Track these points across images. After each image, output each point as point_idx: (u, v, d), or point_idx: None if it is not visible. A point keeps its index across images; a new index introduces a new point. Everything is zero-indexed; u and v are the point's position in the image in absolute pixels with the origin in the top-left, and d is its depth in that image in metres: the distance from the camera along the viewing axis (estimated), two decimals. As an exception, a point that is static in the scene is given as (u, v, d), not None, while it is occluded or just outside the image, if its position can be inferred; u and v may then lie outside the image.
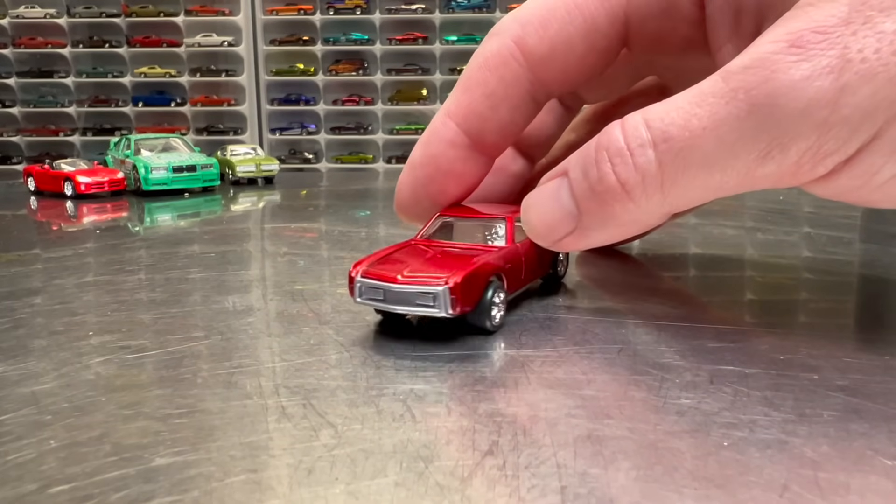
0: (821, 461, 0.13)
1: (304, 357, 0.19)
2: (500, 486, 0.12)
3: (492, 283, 0.22)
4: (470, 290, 0.21)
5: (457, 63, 2.12)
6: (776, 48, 0.20)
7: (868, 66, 0.19)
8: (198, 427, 0.15)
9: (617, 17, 0.25)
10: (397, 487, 0.12)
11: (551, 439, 0.14)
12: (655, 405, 0.16)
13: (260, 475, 0.13)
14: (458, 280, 0.21)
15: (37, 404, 0.16)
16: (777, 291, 0.28)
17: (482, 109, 0.26)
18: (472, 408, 0.16)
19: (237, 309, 0.24)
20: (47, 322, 0.23)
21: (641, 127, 0.21)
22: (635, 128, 0.21)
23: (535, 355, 0.19)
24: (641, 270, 0.29)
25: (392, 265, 0.22)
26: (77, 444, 0.14)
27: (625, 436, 0.14)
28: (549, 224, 0.23)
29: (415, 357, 0.19)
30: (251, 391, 0.16)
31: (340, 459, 0.13)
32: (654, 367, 0.19)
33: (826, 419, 0.15)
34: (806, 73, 0.19)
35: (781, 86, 0.19)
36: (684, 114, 0.21)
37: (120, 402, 0.16)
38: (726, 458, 0.13)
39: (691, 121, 0.21)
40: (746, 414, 0.15)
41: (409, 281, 0.21)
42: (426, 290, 0.20)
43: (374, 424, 0.15)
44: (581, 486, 0.12)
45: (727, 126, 0.20)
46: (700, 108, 0.20)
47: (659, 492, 0.12)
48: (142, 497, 0.12)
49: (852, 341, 0.20)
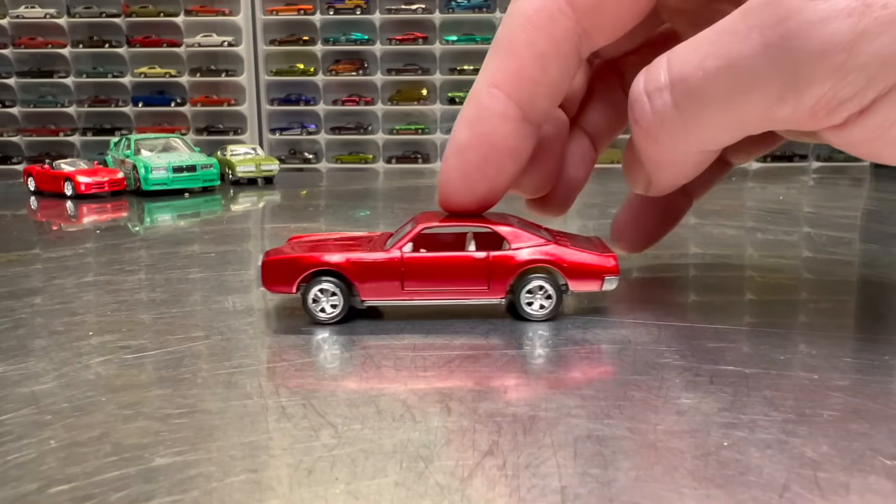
0: (821, 461, 0.13)
1: (304, 357, 0.19)
2: (500, 485, 0.12)
3: (318, 276, 0.23)
4: (277, 273, 0.24)
5: (457, 63, 2.12)
6: None
7: (889, 13, 0.18)
8: (198, 427, 0.15)
9: None
10: (397, 487, 0.12)
11: (551, 439, 0.14)
12: (655, 405, 0.16)
13: (260, 475, 0.13)
14: (265, 260, 0.24)
15: (37, 404, 0.16)
16: (777, 291, 0.28)
17: (534, 73, 0.24)
18: (471, 408, 0.16)
19: (237, 309, 0.24)
20: (47, 322, 0.23)
21: (662, 70, 0.21)
22: (657, 71, 0.22)
23: (535, 355, 0.19)
24: (641, 271, 0.29)
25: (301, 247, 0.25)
26: (77, 443, 0.14)
27: (625, 436, 0.14)
28: (633, 176, 0.25)
29: (415, 357, 0.19)
30: (251, 391, 0.16)
31: (340, 459, 0.13)
32: (654, 367, 0.19)
33: (826, 419, 0.15)
34: (823, 15, 0.18)
35: (797, 26, 0.19)
36: (702, 53, 0.21)
37: (120, 402, 0.16)
38: (726, 458, 0.13)
39: (706, 61, 0.20)
40: (746, 414, 0.15)
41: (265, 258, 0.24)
42: (259, 264, 0.24)
43: (374, 424, 0.15)
44: (581, 485, 0.12)
45: (740, 65, 0.20)
46: (716, 46, 0.20)
47: (659, 492, 0.12)
48: (142, 497, 0.12)
49: (852, 341, 0.20)
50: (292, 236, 0.26)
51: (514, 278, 0.24)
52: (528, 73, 0.24)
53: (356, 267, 0.23)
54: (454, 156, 0.25)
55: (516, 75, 0.24)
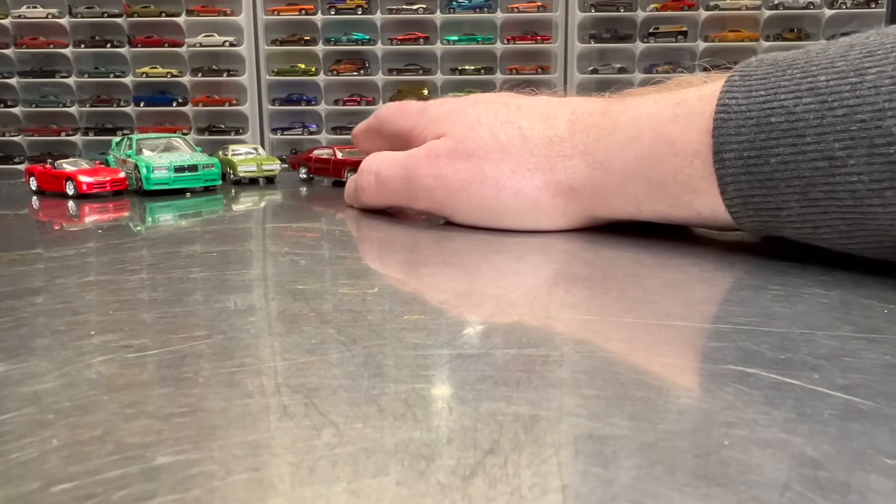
0: (822, 460, 0.13)
1: (305, 356, 0.19)
2: (502, 484, 0.12)
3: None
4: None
5: (458, 63, 2.12)
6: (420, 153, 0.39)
7: (453, 183, 0.38)
8: (200, 426, 0.15)
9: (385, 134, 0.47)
10: (399, 486, 0.12)
11: (552, 438, 0.14)
12: (656, 404, 0.16)
13: (262, 474, 0.13)
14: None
15: (39, 403, 0.16)
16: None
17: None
18: (473, 406, 0.16)
19: (239, 308, 0.24)
20: (49, 321, 0.23)
21: (374, 163, 0.41)
22: (370, 162, 0.42)
23: (536, 354, 0.19)
24: (641, 270, 0.30)
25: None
26: (79, 442, 0.14)
27: (626, 435, 0.14)
28: (349, 195, 0.47)
29: (416, 356, 0.19)
30: (253, 390, 0.17)
31: (342, 458, 0.13)
32: (654, 366, 0.19)
33: (827, 418, 0.15)
34: (425, 176, 0.39)
35: (415, 176, 0.39)
36: (390, 164, 0.40)
37: (122, 401, 0.16)
38: (727, 457, 0.13)
39: (389, 169, 0.40)
40: (747, 413, 0.15)
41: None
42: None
43: (375, 423, 0.15)
44: (582, 484, 0.12)
45: (400, 176, 0.39)
46: (394, 165, 0.40)
47: (660, 490, 0.12)
48: (144, 495, 0.12)
49: (853, 340, 0.20)
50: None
51: None
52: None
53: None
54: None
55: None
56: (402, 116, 0.45)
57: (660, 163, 0.31)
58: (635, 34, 2.11)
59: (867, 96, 0.25)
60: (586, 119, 0.33)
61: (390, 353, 0.19)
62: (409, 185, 0.38)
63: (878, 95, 0.24)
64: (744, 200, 0.29)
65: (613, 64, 2.16)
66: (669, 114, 0.30)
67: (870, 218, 0.26)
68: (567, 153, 0.33)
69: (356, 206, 0.45)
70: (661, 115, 0.31)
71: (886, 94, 0.24)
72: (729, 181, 0.29)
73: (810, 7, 2.06)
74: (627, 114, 0.32)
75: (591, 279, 0.29)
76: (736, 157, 0.28)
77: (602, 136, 0.32)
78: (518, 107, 0.35)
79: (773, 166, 0.27)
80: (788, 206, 0.28)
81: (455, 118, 0.37)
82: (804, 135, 0.26)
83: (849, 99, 0.25)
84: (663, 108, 0.30)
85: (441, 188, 0.36)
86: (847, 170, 0.25)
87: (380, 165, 0.41)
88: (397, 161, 0.39)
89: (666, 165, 0.31)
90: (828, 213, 0.27)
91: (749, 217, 0.30)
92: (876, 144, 0.24)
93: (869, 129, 0.25)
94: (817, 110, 0.26)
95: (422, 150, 0.38)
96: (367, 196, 0.42)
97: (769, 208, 0.29)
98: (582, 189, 0.33)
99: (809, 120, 0.26)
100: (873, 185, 0.25)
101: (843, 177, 0.26)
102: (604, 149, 0.32)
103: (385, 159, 0.41)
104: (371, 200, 0.42)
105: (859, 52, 0.26)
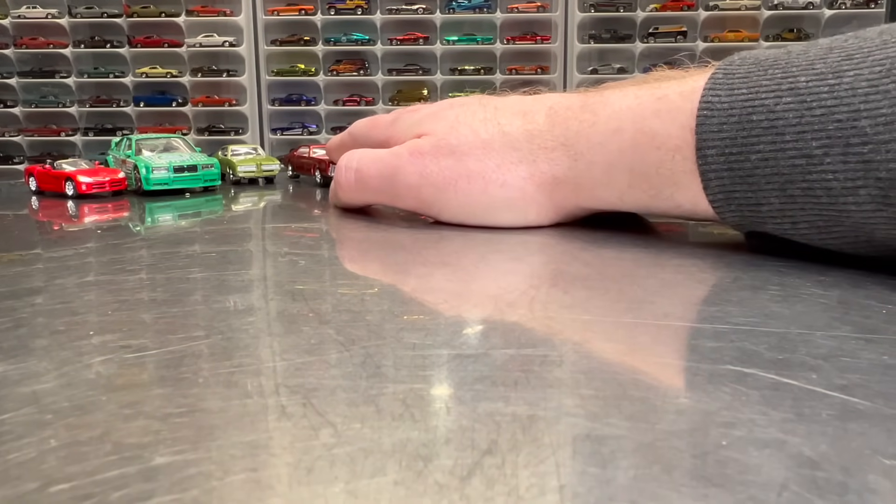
0: (819, 460, 0.13)
1: (304, 356, 0.19)
2: (499, 484, 0.12)
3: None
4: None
5: (457, 63, 2.12)
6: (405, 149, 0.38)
7: (439, 178, 0.37)
8: (198, 426, 0.15)
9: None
10: (396, 486, 0.12)
11: (550, 438, 0.14)
12: (654, 404, 0.16)
13: (260, 474, 0.13)
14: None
15: (37, 403, 0.16)
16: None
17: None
18: (471, 407, 0.16)
19: (238, 308, 0.24)
20: (48, 322, 0.23)
21: (354, 159, 0.40)
22: (350, 159, 0.40)
23: (534, 354, 0.19)
24: (639, 270, 0.30)
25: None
26: (77, 443, 0.14)
27: (624, 435, 0.14)
28: (332, 199, 0.45)
29: (415, 356, 0.19)
30: (251, 390, 0.17)
31: (340, 458, 0.13)
32: (653, 366, 0.19)
33: (825, 418, 0.15)
34: (411, 173, 0.38)
35: (399, 174, 0.37)
36: (371, 160, 0.39)
37: (120, 401, 0.16)
38: (725, 458, 0.13)
39: (371, 166, 0.39)
40: (745, 413, 0.15)
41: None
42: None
43: (373, 423, 0.15)
44: (580, 484, 0.12)
45: (383, 174, 0.38)
46: (376, 162, 0.39)
47: (658, 490, 0.12)
48: (142, 496, 0.12)
49: (852, 340, 0.20)
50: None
51: None
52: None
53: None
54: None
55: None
56: (373, 129, 0.45)
57: (642, 155, 0.31)
58: (635, 34, 2.11)
59: (844, 97, 0.25)
60: (564, 112, 0.33)
61: (389, 354, 0.19)
62: (393, 183, 0.37)
63: (855, 97, 0.25)
64: (726, 196, 0.30)
65: (613, 64, 2.16)
66: (651, 108, 0.30)
67: (845, 215, 0.27)
68: (549, 145, 0.33)
69: (336, 204, 0.44)
70: (643, 109, 0.30)
71: (862, 95, 0.25)
72: (712, 177, 0.30)
73: (810, 7, 2.06)
74: (608, 107, 0.32)
75: (590, 279, 0.29)
76: (718, 153, 0.29)
77: (583, 129, 0.32)
78: (495, 106, 0.36)
79: (754, 163, 0.28)
80: (769, 201, 0.28)
81: (434, 119, 0.37)
82: (783, 133, 0.27)
83: (827, 100, 0.26)
84: (644, 102, 0.31)
85: (427, 186, 0.36)
86: (823, 167, 0.26)
87: (360, 162, 0.39)
88: (379, 158, 0.38)
89: (648, 158, 0.31)
90: (805, 210, 0.28)
91: (732, 212, 0.30)
92: (851, 144, 0.25)
93: (845, 129, 0.25)
94: (797, 110, 0.27)
95: (404, 147, 0.37)
96: (346, 194, 0.41)
97: (750, 204, 0.29)
98: (565, 179, 0.33)
99: (789, 119, 0.27)
100: (847, 182, 0.26)
101: (820, 174, 0.26)
102: (585, 140, 0.32)
103: (365, 156, 0.39)
104: (350, 198, 0.41)
105: (838, 56, 0.27)
